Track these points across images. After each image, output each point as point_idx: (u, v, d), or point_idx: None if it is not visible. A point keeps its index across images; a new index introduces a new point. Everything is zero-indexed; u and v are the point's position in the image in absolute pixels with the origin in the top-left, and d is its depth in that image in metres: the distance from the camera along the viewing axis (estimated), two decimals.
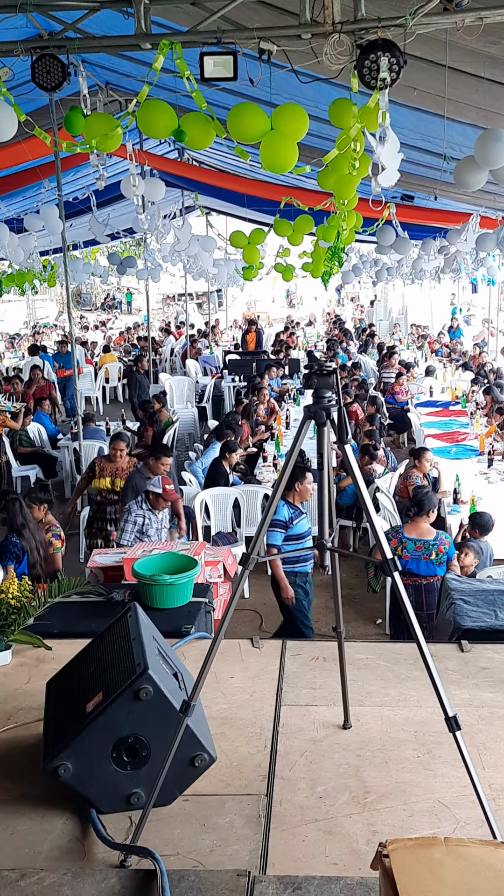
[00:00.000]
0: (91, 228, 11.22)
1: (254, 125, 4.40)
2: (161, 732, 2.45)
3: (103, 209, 12.42)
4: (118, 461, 7.88)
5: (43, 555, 5.75)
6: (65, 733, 2.47)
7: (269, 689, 3.22)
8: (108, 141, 4.74)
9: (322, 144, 7.23)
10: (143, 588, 4.09)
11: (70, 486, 11.09)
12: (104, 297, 44.45)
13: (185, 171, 12.13)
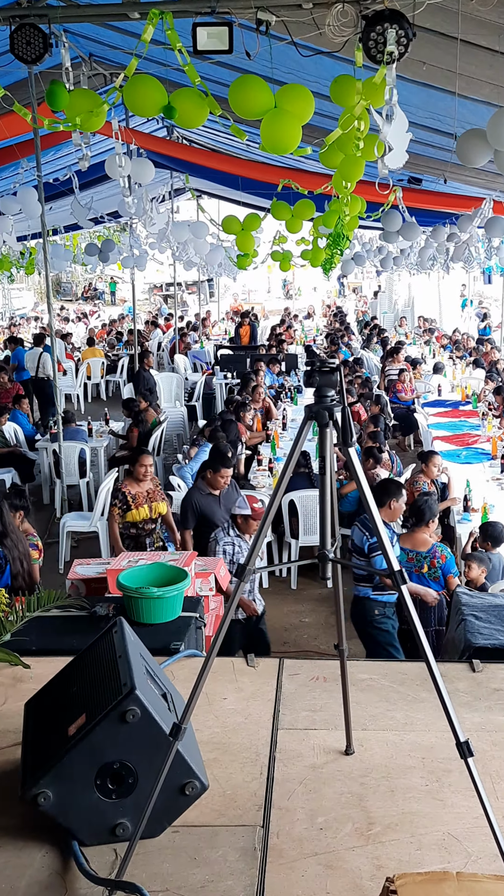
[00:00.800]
0: (73, 212, 11.22)
1: (258, 100, 4.41)
2: (149, 758, 2.45)
3: (86, 191, 12.43)
4: (147, 481, 7.22)
5: (27, 567, 5.74)
6: (45, 759, 2.47)
7: (266, 712, 3.22)
8: (93, 118, 4.75)
9: (324, 123, 7.25)
10: (129, 601, 4.09)
11: (49, 491, 11.09)
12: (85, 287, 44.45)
13: (175, 151, 12.14)
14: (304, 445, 2.66)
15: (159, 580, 4.26)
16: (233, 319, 29.68)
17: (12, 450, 11.57)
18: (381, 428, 10.26)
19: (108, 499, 9.11)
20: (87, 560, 6.29)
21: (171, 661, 3.61)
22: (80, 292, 44.46)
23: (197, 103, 4.59)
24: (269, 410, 12.23)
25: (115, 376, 20.27)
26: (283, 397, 13.71)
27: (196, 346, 21.25)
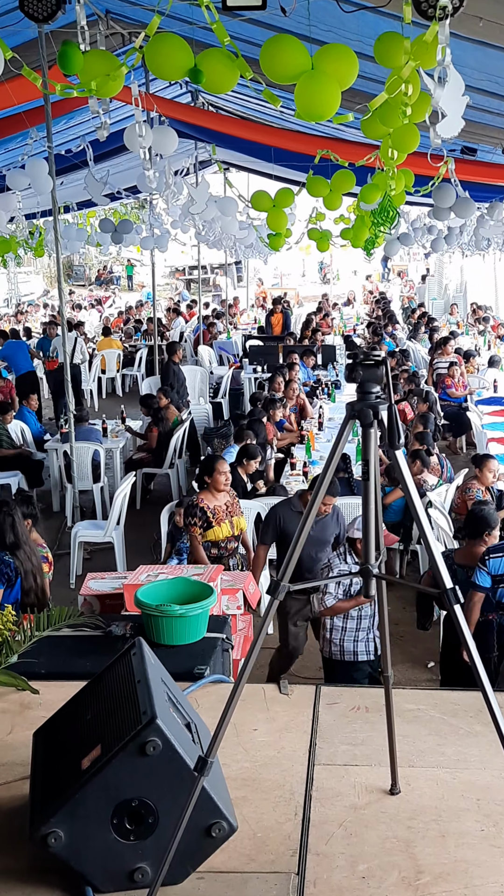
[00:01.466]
0: (87, 187, 11.28)
1: (292, 62, 4.40)
2: (171, 795, 2.45)
3: (101, 164, 12.49)
4: (226, 493, 6.87)
5: (40, 582, 5.79)
6: (55, 795, 2.48)
7: (300, 745, 3.22)
8: (110, 83, 4.77)
9: (367, 87, 7.23)
10: (149, 620, 4.10)
11: (59, 497, 11.15)
12: (100, 270, 44.69)
13: (201, 119, 12.17)
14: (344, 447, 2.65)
15: (182, 597, 4.27)
16: (262, 307, 29.71)
17: (19, 451, 11.65)
18: (430, 428, 10.21)
19: (124, 505, 9.16)
20: (102, 574, 6.34)
21: (195, 688, 3.62)
22: (93, 276, 44.72)
23: (226, 65, 4.60)
24: (303, 408, 12.22)
25: (132, 370, 20.36)
26: (320, 394, 13.70)
27: (222, 336, 21.28)
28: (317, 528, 6.23)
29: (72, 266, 41.74)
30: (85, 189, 11.58)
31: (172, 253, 28.33)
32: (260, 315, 27.19)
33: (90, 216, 19.70)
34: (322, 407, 12.41)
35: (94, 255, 37.79)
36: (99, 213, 20.45)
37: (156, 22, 4.63)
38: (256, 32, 7.12)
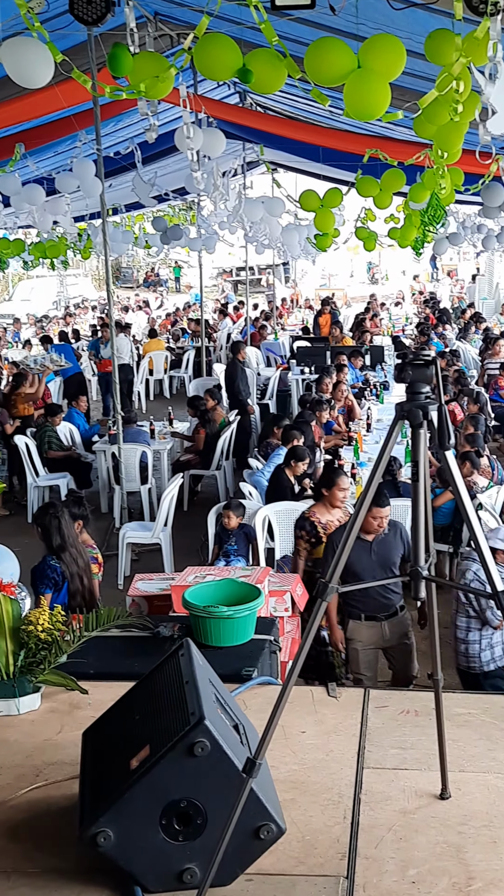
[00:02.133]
0: (134, 189, 11.37)
1: (337, 64, 4.40)
2: (219, 796, 2.46)
3: (149, 166, 12.57)
4: (341, 507, 6.54)
5: (87, 583, 5.82)
6: (105, 794, 2.50)
7: (349, 748, 3.21)
8: (159, 84, 4.80)
9: (417, 85, 7.19)
10: (196, 621, 4.12)
11: (107, 499, 11.23)
12: (147, 272, 44.95)
13: (249, 119, 12.19)
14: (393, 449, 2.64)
15: (229, 598, 4.28)
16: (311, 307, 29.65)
17: (68, 453, 11.76)
18: (481, 430, 10.12)
19: (172, 507, 9.20)
20: (150, 575, 6.36)
21: (242, 689, 3.62)
22: (141, 279, 44.98)
23: (274, 65, 4.61)
24: (351, 410, 12.18)
25: (179, 371, 20.45)
26: (368, 395, 13.65)
27: (270, 337, 21.29)
28: (379, 552, 5.93)
29: (120, 268, 42.03)
30: (133, 191, 11.66)
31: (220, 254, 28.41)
32: (308, 316, 27.15)
33: (138, 219, 19.84)
34: (370, 408, 12.36)
35: (142, 257, 38.01)
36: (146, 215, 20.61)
37: (204, 23, 4.65)
38: (305, 32, 7.11)
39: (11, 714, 3.45)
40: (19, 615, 3.59)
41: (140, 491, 10.68)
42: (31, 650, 3.50)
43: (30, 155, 10.58)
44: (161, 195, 13.94)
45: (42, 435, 11.61)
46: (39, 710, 3.51)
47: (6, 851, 2.63)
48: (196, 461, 11.64)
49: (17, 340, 25.17)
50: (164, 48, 8.86)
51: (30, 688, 3.50)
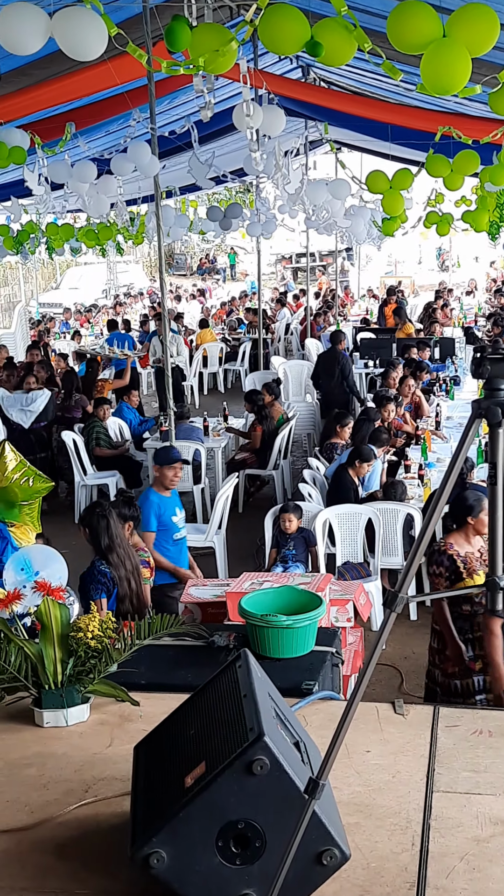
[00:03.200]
0: (191, 170, 11.39)
1: (421, 29, 4.35)
2: (279, 818, 2.45)
3: (205, 146, 12.60)
4: (483, 534, 5.95)
5: (135, 587, 5.87)
6: (158, 813, 2.51)
7: (418, 770, 3.18)
8: (219, 58, 4.80)
9: (497, 57, 7.11)
10: (253, 631, 4.12)
11: None
12: (202, 259, 45.10)
13: (313, 96, 12.17)
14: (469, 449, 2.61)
15: (289, 607, 4.27)
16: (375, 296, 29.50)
17: (117, 450, 11.84)
18: None
19: (226, 508, 9.22)
20: (203, 580, 6.40)
21: (303, 704, 3.62)
22: (195, 266, 45.15)
23: (344, 37, 4.58)
24: (419, 406, 12.10)
25: (235, 364, 20.50)
26: (437, 390, 13.55)
27: (331, 328, 21.25)
28: None
29: (172, 255, 42.25)
30: (189, 172, 11.69)
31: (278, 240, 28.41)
32: (372, 305, 27.03)
33: (192, 205, 19.91)
34: (439, 405, 12.27)
35: (196, 243, 38.17)
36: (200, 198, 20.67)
37: None
38: (373, 1, 7.07)
39: (59, 725, 3.48)
40: (68, 621, 3.62)
41: (193, 491, 10.73)
42: (80, 658, 3.53)
43: (80, 135, 10.67)
44: (218, 176, 13.97)
45: (90, 431, 11.70)
46: (88, 722, 3.53)
47: (54, 870, 2.65)
48: (252, 460, 11.66)
49: (65, 330, 25.43)
50: (224, 20, 8.87)
51: (78, 698, 3.53)
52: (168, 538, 7.42)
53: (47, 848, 2.76)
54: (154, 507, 7.28)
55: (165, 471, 7.44)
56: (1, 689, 3.58)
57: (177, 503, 7.62)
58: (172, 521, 7.44)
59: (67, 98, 9.62)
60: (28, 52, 5.12)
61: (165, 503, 7.41)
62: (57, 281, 37.12)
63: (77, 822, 2.88)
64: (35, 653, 3.55)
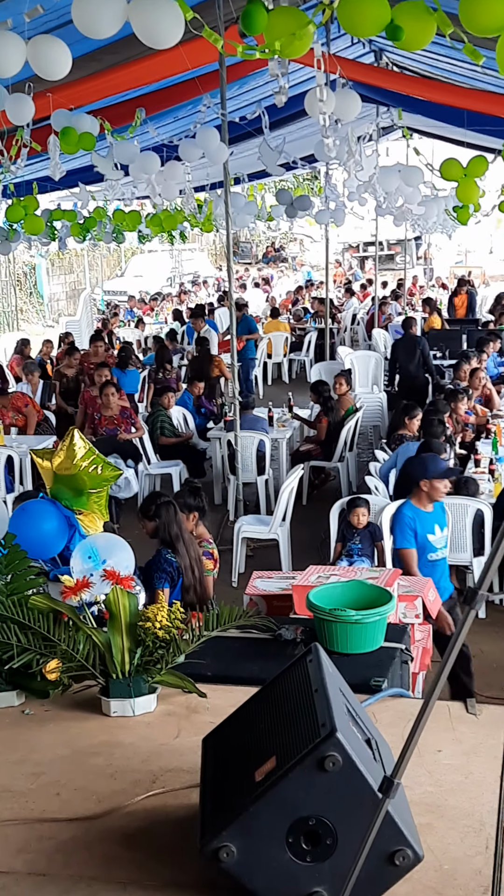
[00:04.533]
0: (261, 156, 11.39)
1: (498, 11, 4.28)
2: (351, 816, 2.44)
3: (275, 131, 12.58)
4: None
5: (198, 576, 5.90)
6: (227, 807, 2.51)
7: (492, 771, 3.14)
8: (296, 42, 4.77)
9: None
10: (321, 625, 4.11)
11: (221, 490, 11.32)
12: (268, 248, 45.05)
13: (386, 81, 12.06)
14: None
15: (357, 602, 4.26)
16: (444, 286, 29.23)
17: (181, 439, 11.90)
18: None
19: (290, 500, 9.21)
20: (269, 573, 6.39)
21: (372, 701, 3.60)
22: (260, 254, 45.11)
23: (424, 20, 4.53)
24: (490, 399, 11.98)
25: (300, 354, 20.47)
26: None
27: (399, 318, 21.11)
28: None
29: (238, 243, 42.26)
30: (259, 159, 11.69)
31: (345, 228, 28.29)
32: (442, 296, 26.80)
33: (259, 189, 19.91)
34: None
35: (262, 231, 38.14)
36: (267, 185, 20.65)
37: None
38: None
39: (126, 715, 3.51)
40: (136, 610, 3.64)
41: (256, 482, 10.74)
42: (147, 648, 3.55)
43: (150, 120, 10.71)
44: (288, 163, 13.94)
45: (154, 419, 11.77)
46: (155, 713, 3.55)
47: (122, 860, 2.67)
48: (317, 452, 11.64)
49: (130, 318, 25.58)
50: (299, 3, 8.84)
51: (146, 688, 3.55)
52: (421, 558, 6.67)
53: (115, 837, 2.78)
54: (408, 523, 6.63)
55: (437, 483, 6.67)
56: (69, 677, 3.61)
57: (438, 519, 6.84)
58: (428, 539, 6.68)
59: (138, 83, 9.66)
60: (103, 37, 5.15)
61: (423, 519, 6.70)
62: (122, 269, 37.34)
63: (145, 812, 2.90)
64: (103, 641, 3.58)
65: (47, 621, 3.60)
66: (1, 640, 3.55)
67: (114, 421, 11.26)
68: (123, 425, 11.23)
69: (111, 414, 11.27)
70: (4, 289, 30.00)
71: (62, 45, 5.95)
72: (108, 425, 11.27)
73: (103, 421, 11.31)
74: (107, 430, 11.23)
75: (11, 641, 3.53)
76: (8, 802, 2.98)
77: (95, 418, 11.37)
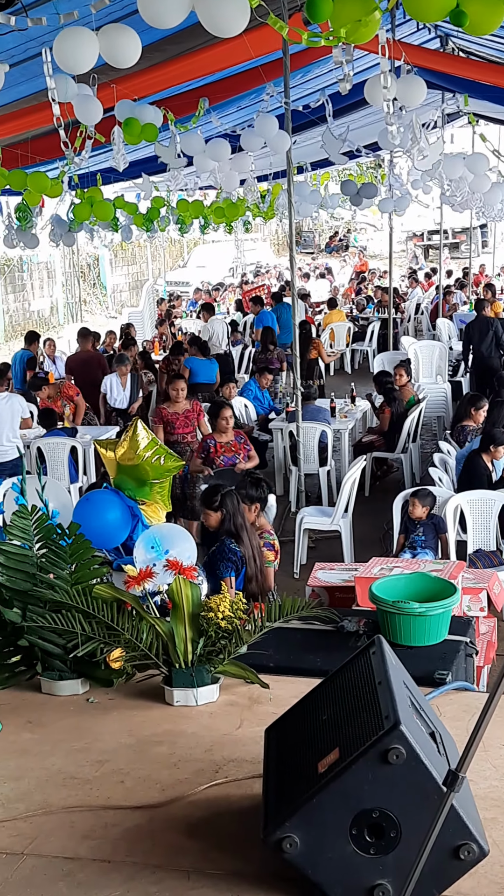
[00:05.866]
0: (324, 145, 11.35)
1: None
2: (415, 809, 2.44)
3: (338, 119, 12.53)
4: None
5: (259, 566, 5.92)
6: (291, 798, 2.52)
7: None
8: (362, 29, 4.75)
9: None
10: (384, 617, 4.10)
11: (283, 480, 11.32)
12: (330, 237, 44.88)
13: (451, 66, 11.93)
14: None
15: (421, 594, 4.24)
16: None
17: (244, 430, 11.91)
18: None
19: (353, 492, 9.18)
20: (331, 564, 6.39)
21: (436, 694, 3.58)
22: (323, 243, 44.95)
23: (491, 4, 4.48)
24: None
25: (363, 345, 20.36)
26: None
27: (464, 307, 20.91)
28: None
29: (300, 232, 42.15)
30: (322, 147, 11.65)
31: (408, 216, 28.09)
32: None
33: (325, 178, 19.84)
34: None
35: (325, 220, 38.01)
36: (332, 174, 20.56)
37: None
38: None
39: (189, 705, 3.53)
40: (199, 600, 3.67)
41: (318, 473, 10.71)
42: (210, 638, 3.57)
43: (213, 110, 10.72)
44: (352, 151, 13.88)
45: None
46: (218, 703, 3.58)
47: (185, 849, 2.69)
48: (380, 443, 11.58)
49: (192, 309, 25.66)
50: None
51: (208, 678, 3.57)
52: None
53: (179, 826, 2.80)
54: None
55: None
56: (132, 665, 3.65)
57: None
58: None
59: (201, 73, 9.67)
60: (168, 27, 5.17)
61: None
62: (184, 259, 37.47)
63: (208, 802, 2.92)
64: (166, 631, 3.61)
65: (111, 610, 3.63)
66: (66, 629, 3.60)
67: (231, 448, 9.32)
68: (242, 452, 9.35)
69: (227, 440, 9.33)
70: (69, 280, 30.32)
71: (132, 32, 5.98)
72: (225, 453, 9.29)
73: (219, 448, 9.28)
74: (225, 458, 9.26)
75: (76, 630, 3.58)
76: (73, 789, 3.02)
77: (210, 446, 9.31)
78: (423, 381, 14.82)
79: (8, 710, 3.59)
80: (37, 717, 3.55)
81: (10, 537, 3.92)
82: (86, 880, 2.57)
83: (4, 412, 10.08)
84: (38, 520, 3.94)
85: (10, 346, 26.13)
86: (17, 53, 7.91)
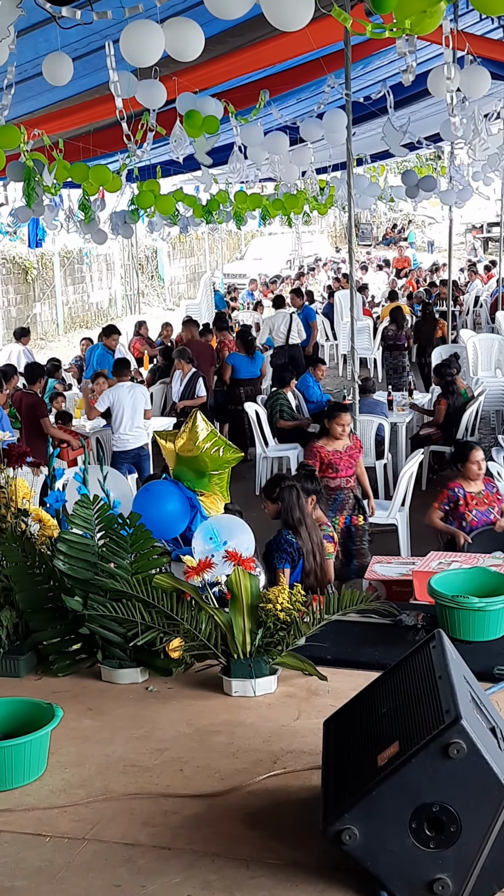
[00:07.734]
0: (385, 136, 11.28)
1: None
2: (475, 804, 2.42)
3: (399, 111, 12.43)
4: None
5: (319, 561, 5.92)
6: (350, 790, 2.52)
7: None
8: (427, 19, 4.70)
9: None
10: (443, 612, 4.08)
11: None
12: (388, 229, 44.67)
13: None
14: None
15: (479, 589, 4.21)
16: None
17: (299, 423, 11.91)
18: None
19: (410, 485, 9.14)
20: (388, 558, 6.39)
21: (496, 689, 3.56)
22: (380, 235, 44.76)
23: None
24: None
25: None
26: None
27: None
28: None
29: (358, 224, 42.00)
30: (382, 139, 11.59)
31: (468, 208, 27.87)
32: None
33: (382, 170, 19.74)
34: None
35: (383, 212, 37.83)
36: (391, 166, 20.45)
37: None
38: None
39: (247, 695, 3.55)
40: (257, 592, 3.68)
41: (375, 467, 10.68)
42: (268, 630, 3.58)
43: (273, 102, 10.71)
44: (412, 143, 13.79)
45: (273, 403, 11.82)
46: (276, 694, 3.58)
47: (244, 838, 2.70)
48: (437, 436, 11.51)
49: (249, 301, 25.68)
50: None
51: (266, 669, 3.58)
52: None
53: (237, 815, 2.81)
54: None
55: None
56: (191, 655, 3.67)
57: None
58: None
59: (262, 65, 9.67)
60: (233, 18, 5.18)
61: None
62: (242, 251, 37.51)
63: (266, 792, 2.93)
64: (225, 622, 3.62)
65: (171, 600, 3.66)
66: (126, 618, 3.63)
67: (484, 501, 7.86)
68: (496, 504, 7.92)
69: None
70: (127, 272, 30.51)
71: (196, 25, 6.00)
72: (478, 506, 7.76)
73: (469, 500, 7.71)
74: (478, 514, 7.70)
75: (136, 619, 3.61)
76: (133, 777, 3.05)
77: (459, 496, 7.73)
78: (482, 374, 14.72)
79: (69, 696, 3.63)
80: (97, 704, 3.59)
81: (72, 526, 3.96)
82: (146, 866, 2.60)
83: (134, 400, 10.53)
84: (100, 509, 3.98)
85: (70, 338, 26.39)
86: (80, 47, 7.97)
